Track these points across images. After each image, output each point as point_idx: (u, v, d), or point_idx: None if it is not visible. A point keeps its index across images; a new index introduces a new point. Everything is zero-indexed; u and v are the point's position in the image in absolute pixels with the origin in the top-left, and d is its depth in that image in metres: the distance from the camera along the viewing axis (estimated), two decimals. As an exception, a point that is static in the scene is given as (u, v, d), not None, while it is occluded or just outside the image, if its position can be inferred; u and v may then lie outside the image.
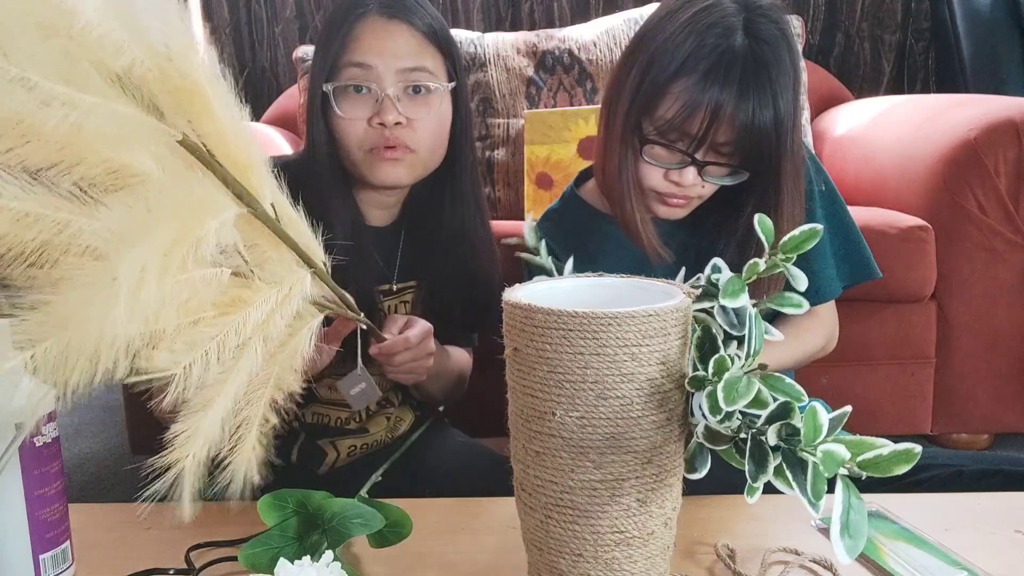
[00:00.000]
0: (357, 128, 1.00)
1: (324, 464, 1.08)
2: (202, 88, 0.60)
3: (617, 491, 0.59)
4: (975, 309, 1.62)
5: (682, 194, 0.98)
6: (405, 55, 0.99)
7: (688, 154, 0.94)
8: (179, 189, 0.59)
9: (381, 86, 0.99)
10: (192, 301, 0.59)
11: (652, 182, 0.98)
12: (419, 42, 1.01)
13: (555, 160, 1.89)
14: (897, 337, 1.63)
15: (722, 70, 0.90)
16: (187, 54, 0.59)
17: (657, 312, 0.57)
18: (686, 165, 0.95)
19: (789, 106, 0.93)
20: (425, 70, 1.00)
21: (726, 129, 0.91)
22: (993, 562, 0.71)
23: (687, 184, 0.96)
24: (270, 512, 0.72)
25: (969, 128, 1.57)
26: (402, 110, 0.99)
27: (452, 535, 0.80)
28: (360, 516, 0.71)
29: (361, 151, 1.01)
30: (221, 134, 0.62)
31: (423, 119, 1.00)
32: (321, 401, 1.08)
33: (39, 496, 0.69)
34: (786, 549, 0.74)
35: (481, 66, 2.05)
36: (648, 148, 0.96)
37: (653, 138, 0.95)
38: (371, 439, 1.11)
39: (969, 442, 1.74)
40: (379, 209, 1.10)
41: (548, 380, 0.58)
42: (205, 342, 0.59)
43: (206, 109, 0.60)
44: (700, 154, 0.94)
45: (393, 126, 0.98)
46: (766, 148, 0.93)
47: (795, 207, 0.98)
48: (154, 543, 0.79)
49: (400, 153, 1.00)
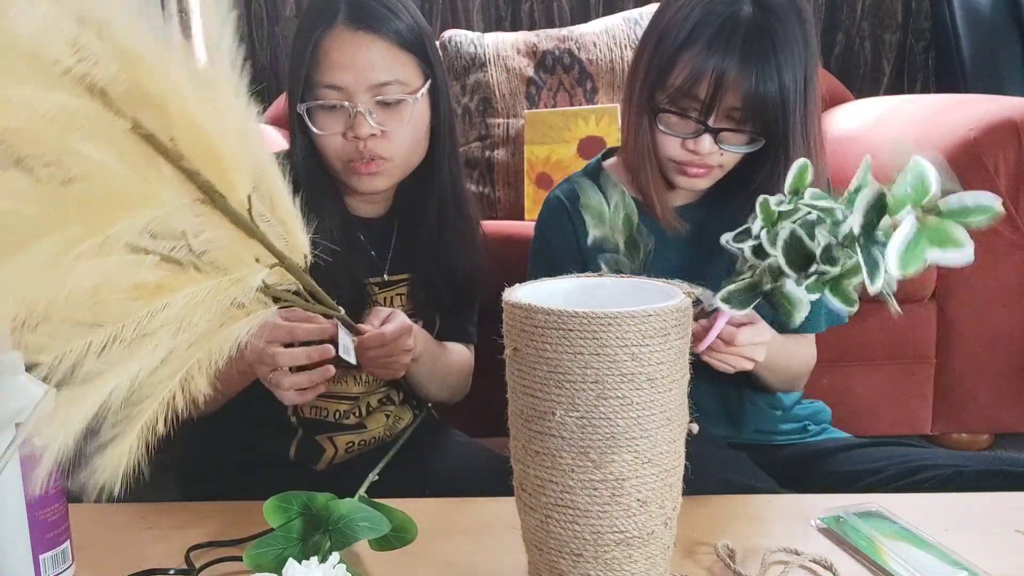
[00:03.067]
0: (334, 142, 1.02)
1: (322, 460, 1.08)
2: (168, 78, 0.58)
3: (617, 491, 0.58)
4: (975, 309, 1.61)
5: (700, 163, 0.99)
6: (375, 69, 0.99)
7: (700, 121, 0.96)
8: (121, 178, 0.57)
9: (353, 103, 0.99)
10: (102, 287, 0.57)
11: (670, 152, 1.00)
12: (388, 51, 1.00)
13: (555, 160, 1.89)
14: (897, 337, 1.63)
15: (725, 36, 0.92)
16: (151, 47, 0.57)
17: (657, 312, 0.57)
18: (700, 133, 0.96)
19: (798, 76, 0.94)
20: (397, 82, 1.01)
21: (733, 95, 0.93)
22: (993, 562, 0.71)
23: (704, 152, 0.97)
24: (275, 514, 0.72)
25: (969, 128, 1.57)
26: (376, 122, 1.00)
27: (452, 535, 0.80)
28: (367, 519, 0.71)
29: (339, 162, 1.03)
30: (192, 126, 0.60)
31: (397, 129, 1.01)
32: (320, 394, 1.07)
33: (39, 496, 0.69)
34: (786, 549, 0.74)
35: (481, 66, 2.04)
36: (663, 118, 0.99)
37: (666, 107, 0.98)
38: (369, 436, 1.11)
39: (969, 442, 1.74)
40: (368, 203, 1.11)
41: (548, 380, 0.58)
42: (87, 330, 0.57)
43: (172, 99, 0.59)
44: (712, 120, 0.96)
45: (368, 138, 1.00)
46: (773, 116, 0.94)
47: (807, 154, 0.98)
48: (154, 543, 0.79)
49: (375, 167, 1.02)
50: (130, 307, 0.59)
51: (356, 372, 1.07)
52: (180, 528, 0.81)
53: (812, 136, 0.99)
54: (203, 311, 0.62)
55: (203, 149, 0.62)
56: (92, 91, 0.56)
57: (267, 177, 0.69)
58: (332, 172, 1.05)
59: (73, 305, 0.56)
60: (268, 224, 0.69)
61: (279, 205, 0.69)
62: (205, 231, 0.64)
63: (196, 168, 0.61)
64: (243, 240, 0.67)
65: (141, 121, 0.58)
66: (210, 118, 0.61)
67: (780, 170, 0.97)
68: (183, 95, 0.59)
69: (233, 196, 0.65)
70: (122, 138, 0.58)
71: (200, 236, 0.64)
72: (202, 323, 0.63)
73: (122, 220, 0.57)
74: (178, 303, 0.60)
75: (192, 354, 0.62)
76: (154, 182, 0.60)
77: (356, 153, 1.01)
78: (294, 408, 1.07)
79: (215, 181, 0.63)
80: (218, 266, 0.65)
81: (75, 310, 0.57)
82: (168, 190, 0.60)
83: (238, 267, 0.66)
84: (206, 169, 0.62)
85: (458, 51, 2.06)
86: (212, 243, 0.65)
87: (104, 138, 0.57)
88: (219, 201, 0.64)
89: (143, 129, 0.58)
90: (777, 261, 0.68)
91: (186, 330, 0.62)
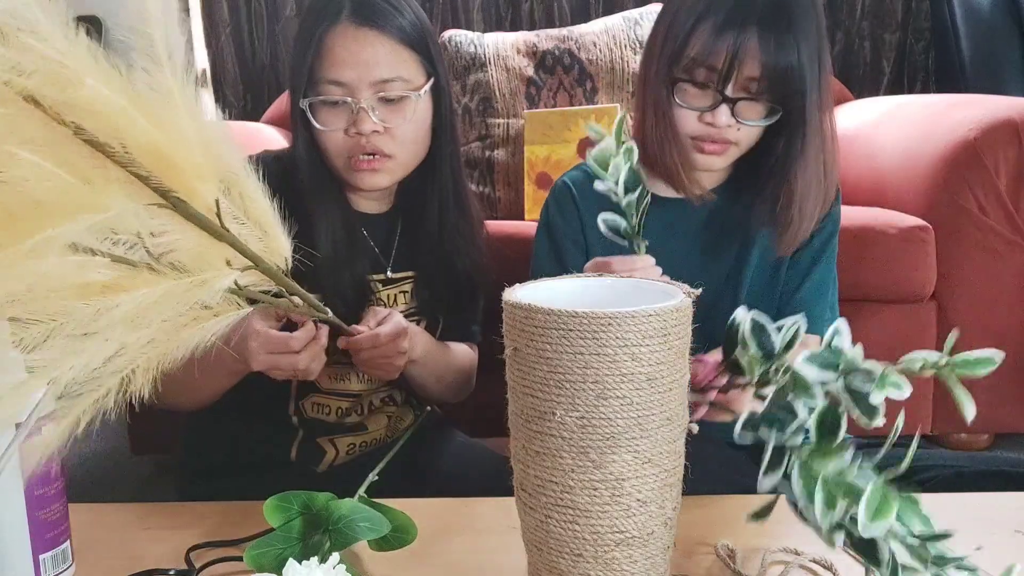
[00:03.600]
0: (336, 138, 1.02)
1: (323, 462, 1.08)
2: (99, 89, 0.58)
3: (617, 491, 0.59)
4: (975, 309, 1.62)
5: (718, 137, 0.99)
6: (378, 66, 1.00)
7: (718, 90, 0.97)
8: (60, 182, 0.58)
9: (356, 99, 1.00)
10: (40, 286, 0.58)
11: (687, 127, 1.01)
12: (392, 49, 1.00)
13: (555, 160, 1.89)
14: (897, 337, 1.63)
15: (743, 6, 0.94)
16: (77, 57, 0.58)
17: (657, 312, 0.57)
18: (717, 104, 0.97)
19: (812, 54, 0.95)
20: (400, 79, 1.01)
21: (750, 64, 0.95)
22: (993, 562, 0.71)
23: (721, 124, 0.98)
24: (275, 513, 0.72)
25: (969, 128, 1.57)
26: (378, 119, 1.00)
27: (452, 535, 0.80)
28: (367, 519, 0.71)
29: (341, 159, 1.03)
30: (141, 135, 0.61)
31: (400, 125, 1.01)
32: (322, 391, 1.08)
33: (39, 496, 0.69)
34: (786, 549, 0.74)
35: (481, 66, 2.04)
36: (680, 92, 1.00)
37: (683, 77, 0.99)
38: (370, 437, 1.11)
39: (969, 442, 1.74)
40: (371, 200, 1.11)
41: (548, 380, 0.58)
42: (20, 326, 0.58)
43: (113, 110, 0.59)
44: (730, 90, 0.97)
45: (370, 134, 1.00)
46: (791, 88, 0.96)
47: (817, 164, 1.01)
48: (154, 543, 0.79)
49: (378, 163, 1.02)
50: (75, 307, 0.59)
51: (358, 370, 1.07)
52: (180, 528, 0.81)
53: (828, 118, 1.00)
54: (158, 311, 0.62)
55: (156, 157, 0.62)
56: (25, 98, 0.56)
57: (239, 180, 0.68)
58: (334, 169, 1.05)
59: (13, 301, 0.57)
60: (242, 226, 0.68)
61: (254, 208, 0.69)
62: (168, 233, 0.64)
63: (148, 173, 0.62)
64: (211, 243, 0.67)
65: (84, 127, 0.59)
66: (162, 127, 0.62)
67: (798, 147, 0.99)
68: (121, 106, 0.59)
69: (198, 200, 0.65)
70: (65, 143, 0.59)
71: (161, 238, 0.64)
72: (157, 323, 0.63)
73: (58, 225, 0.57)
74: (129, 303, 0.60)
75: (144, 352, 0.62)
76: (99, 186, 0.60)
77: (358, 149, 1.01)
78: (295, 407, 1.07)
79: (175, 187, 0.63)
80: (183, 268, 0.65)
81: (16, 306, 0.58)
82: (118, 194, 0.60)
83: (205, 269, 0.66)
84: (163, 175, 0.62)
85: (458, 51, 2.06)
86: (176, 244, 0.65)
87: (42, 142, 0.58)
88: (179, 205, 0.64)
89: (86, 134, 0.59)
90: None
91: (140, 328, 0.62)
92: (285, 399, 1.06)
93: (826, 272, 1.09)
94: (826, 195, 1.03)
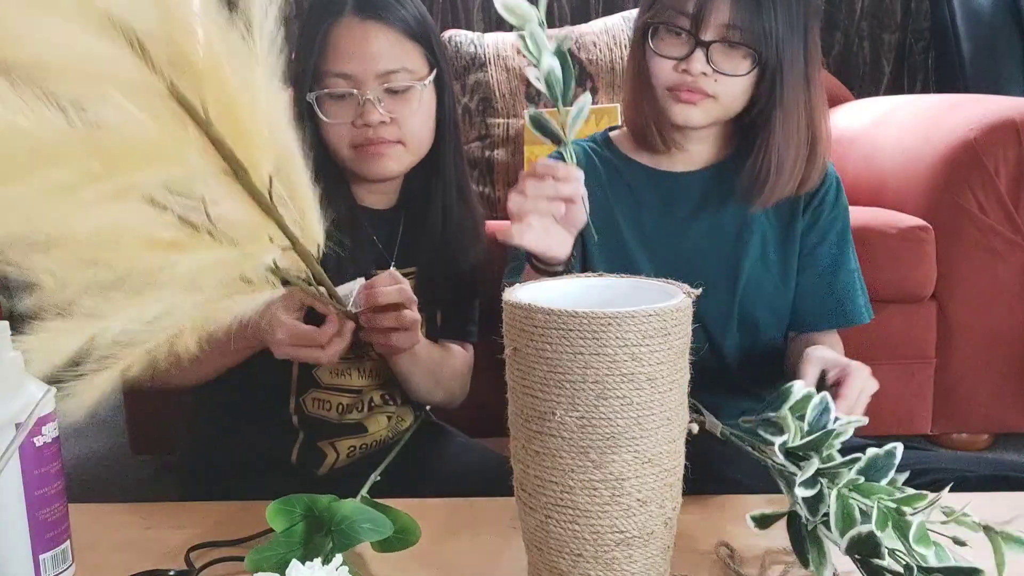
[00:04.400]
0: (342, 130, 1.03)
1: (324, 465, 1.08)
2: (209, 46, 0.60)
3: (617, 491, 0.59)
4: (975, 309, 1.61)
5: (693, 86, 0.98)
6: (383, 58, 1.00)
7: (691, 33, 0.96)
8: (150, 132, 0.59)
9: (362, 91, 1.00)
10: (115, 230, 0.59)
11: (663, 77, 1.00)
12: (396, 41, 1.01)
13: (555, 160, 1.89)
14: (897, 337, 1.63)
15: None
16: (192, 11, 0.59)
17: (657, 312, 0.57)
18: (693, 50, 0.96)
19: (795, 7, 0.96)
20: (404, 70, 1.02)
21: (722, 6, 0.94)
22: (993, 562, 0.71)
23: (695, 72, 0.97)
24: (278, 517, 0.72)
25: (969, 128, 1.57)
26: (385, 109, 1.01)
27: (452, 535, 0.80)
28: (370, 521, 0.71)
29: (348, 150, 1.03)
30: (225, 97, 0.62)
31: (406, 116, 1.02)
32: (323, 386, 1.07)
33: (39, 496, 0.69)
34: (786, 549, 0.74)
35: (481, 66, 2.04)
36: (657, 40, 1.00)
37: (658, 21, 0.99)
38: (371, 439, 1.11)
39: (969, 442, 1.74)
40: (375, 194, 1.12)
41: (548, 380, 0.58)
42: (95, 268, 0.59)
43: (209, 67, 0.61)
44: (705, 34, 0.96)
45: (377, 125, 1.01)
46: (766, 30, 0.95)
47: (799, 119, 1.00)
48: (154, 543, 0.79)
49: (387, 148, 1.02)
50: (141, 257, 0.60)
51: (359, 364, 1.07)
52: (180, 528, 0.81)
53: (810, 56, 1.00)
54: (211, 276, 0.64)
55: (232, 121, 0.63)
56: (132, 44, 0.57)
57: (290, 162, 0.70)
58: (341, 162, 1.05)
59: (85, 241, 0.58)
60: (285, 207, 0.70)
61: (298, 191, 0.71)
62: (224, 202, 0.65)
63: (222, 138, 0.62)
64: (259, 218, 0.68)
65: (177, 84, 0.60)
66: (244, 93, 0.63)
67: (777, 96, 0.98)
68: (220, 65, 0.61)
69: (255, 173, 0.66)
70: (156, 96, 0.59)
71: (219, 206, 0.65)
72: (208, 288, 0.64)
73: (143, 170, 0.58)
74: (188, 263, 0.62)
75: (189, 314, 0.63)
76: (182, 143, 0.61)
77: (365, 141, 1.02)
78: (296, 404, 1.07)
79: (240, 155, 0.64)
80: (231, 238, 0.66)
81: (86, 247, 0.58)
82: (194, 154, 0.62)
83: (250, 243, 0.67)
84: (233, 141, 0.63)
85: (458, 51, 2.06)
86: (229, 215, 0.66)
87: (139, 93, 0.59)
88: (241, 175, 0.65)
89: (178, 91, 0.60)
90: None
91: (192, 291, 0.63)
92: (285, 397, 1.06)
93: (849, 261, 1.09)
94: (810, 155, 1.02)
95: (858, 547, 0.63)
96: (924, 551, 0.62)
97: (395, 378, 1.07)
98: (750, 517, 0.70)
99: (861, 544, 0.63)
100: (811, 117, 1.01)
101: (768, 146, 1.00)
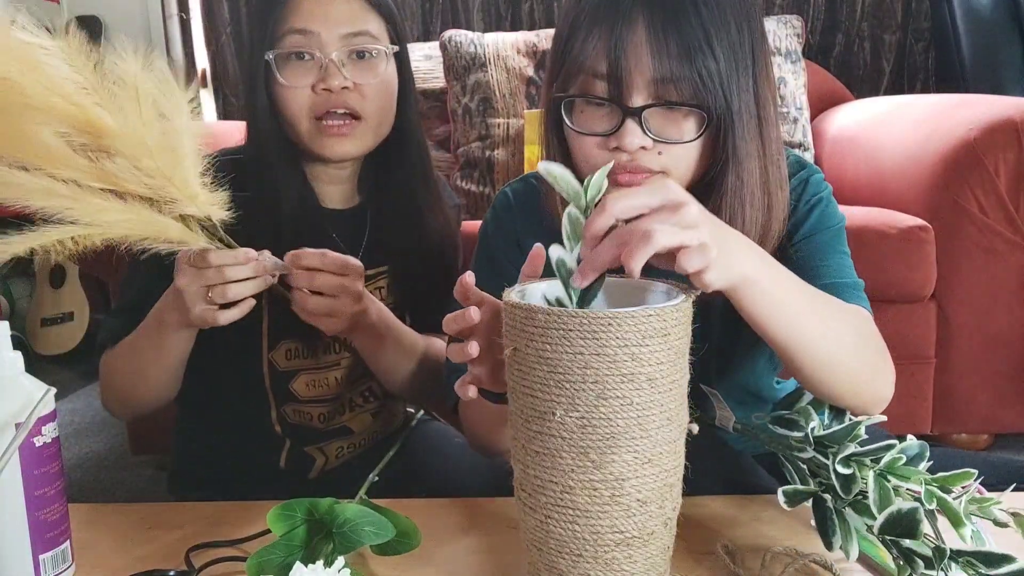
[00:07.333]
0: (301, 96, 0.98)
1: (314, 469, 1.07)
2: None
3: (617, 491, 0.59)
4: (975, 309, 1.62)
5: (633, 166, 0.78)
6: (347, 20, 0.98)
7: (615, 101, 0.77)
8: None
9: (325, 52, 0.97)
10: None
11: (593, 159, 0.79)
12: (360, 6, 1.00)
13: (555, 160, 1.89)
14: (897, 337, 1.63)
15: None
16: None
17: (657, 312, 0.57)
18: (622, 121, 0.77)
19: (728, 30, 0.76)
20: (368, 34, 0.99)
21: (643, 60, 0.75)
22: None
23: (632, 148, 0.77)
24: (279, 522, 0.72)
25: (969, 128, 1.57)
26: (347, 75, 0.98)
27: (452, 535, 0.80)
28: (372, 524, 0.71)
29: (308, 120, 0.99)
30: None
31: (369, 84, 0.99)
32: (301, 400, 1.05)
33: (39, 496, 0.69)
34: (786, 549, 0.74)
35: (481, 66, 2.04)
36: (575, 115, 0.81)
37: (571, 95, 0.80)
38: (358, 439, 1.09)
39: (969, 442, 1.74)
40: (333, 185, 1.07)
41: (548, 380, 0.58)
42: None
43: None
44: (631, 99, 0.77)
45: (339, 91, 0.97)
46: (705, 70, 0.75)
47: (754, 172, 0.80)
48: (154, 543, 0.79)
49: (347, 128, 0.99)
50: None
51: (336, 372, 1.04)
52: (180, 528, 0.81)
53: (768, 124, 0.80)
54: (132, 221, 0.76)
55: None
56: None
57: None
58: (295, 138, 1.01)
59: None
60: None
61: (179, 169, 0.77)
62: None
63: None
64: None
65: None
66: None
67: (727, 156, 0.78)
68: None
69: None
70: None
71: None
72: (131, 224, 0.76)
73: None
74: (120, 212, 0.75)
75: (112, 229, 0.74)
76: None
77: (326, 106, 0.98)
78: (277, 416, 1.05)
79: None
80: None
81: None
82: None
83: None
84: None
85: (458, 51, 2.06)
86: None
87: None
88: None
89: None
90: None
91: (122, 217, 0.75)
92: (266, 408, 1.05)
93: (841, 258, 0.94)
94: (770, 205, 0.82)
95: (894, 526, 0.65)
96: (963, 532, 0.64)
97: (372, 374, 1.05)
98: (782, 492, 0.71)
99: (898, 523, 0.64)
100: (766, 168, 0.81)
101: (719, 211, 0.78)
